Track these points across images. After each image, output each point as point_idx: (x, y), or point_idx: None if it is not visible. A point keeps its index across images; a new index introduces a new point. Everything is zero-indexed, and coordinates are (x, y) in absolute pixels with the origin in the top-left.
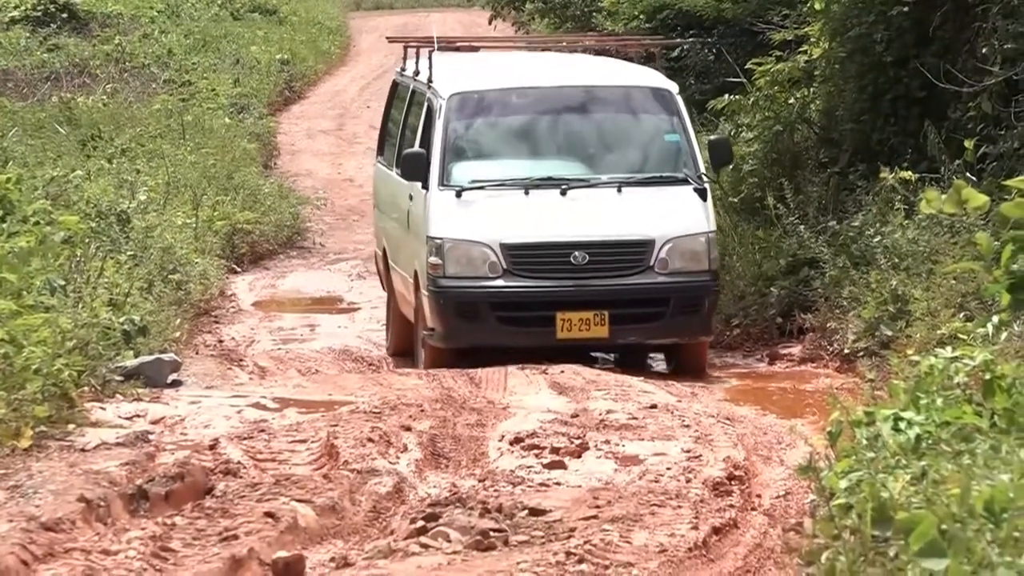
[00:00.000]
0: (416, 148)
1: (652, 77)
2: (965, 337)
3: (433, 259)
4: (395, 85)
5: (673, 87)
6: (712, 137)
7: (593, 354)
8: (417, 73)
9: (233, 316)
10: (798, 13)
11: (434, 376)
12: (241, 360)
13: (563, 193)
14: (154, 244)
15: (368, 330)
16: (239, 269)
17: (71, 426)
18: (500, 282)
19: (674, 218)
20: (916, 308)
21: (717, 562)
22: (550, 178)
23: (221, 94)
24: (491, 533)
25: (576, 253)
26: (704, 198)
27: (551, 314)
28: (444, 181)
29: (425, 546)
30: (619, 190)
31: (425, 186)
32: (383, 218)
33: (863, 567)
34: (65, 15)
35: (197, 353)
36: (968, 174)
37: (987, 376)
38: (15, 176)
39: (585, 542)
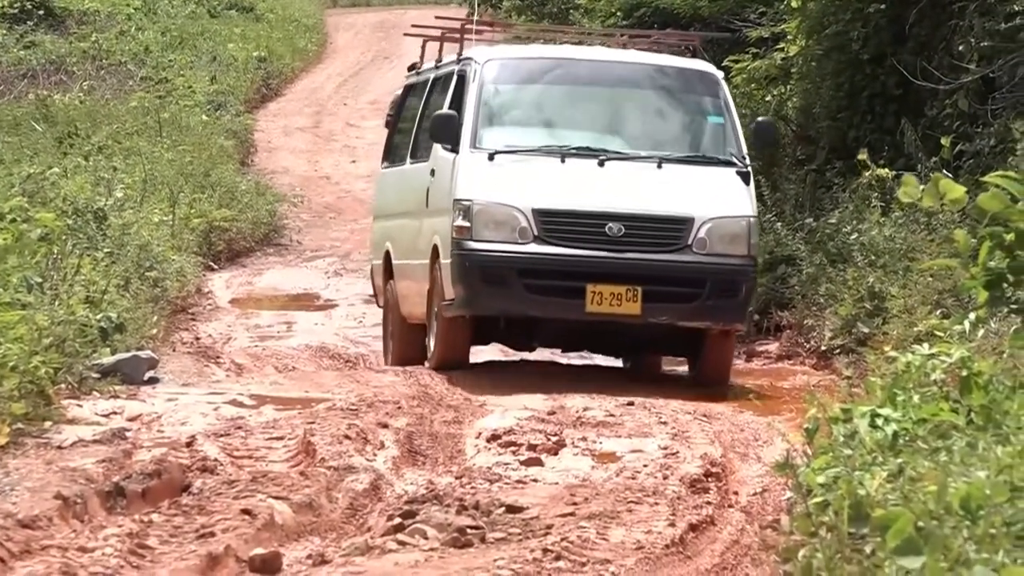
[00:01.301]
0: (447, 110)
1: (695, 62)
2: (942, 334)
3: (460, 222)
4: (408, 89)
5: (718, 72)
6: (758, 119)
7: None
8: (439, 62)
9: (210, 313)
10: (775, 11)
11: (411, 373)
12: (218, 357)
13: (601, 164)
14: (131, 241)
15: (345, 327)
16: (216, 266)
17: (48, 423)
18: (530, 248)
19: (715, 198)
20: (893, 305)
21: (694, 559)
22: (588, 148)
23: (198, 91)
24: (468, 530)
25: (611, 224)
26: (747, 182)
27: (581, 285)
28: (475, 144)
29: (402, 543)
30: (659, 166)
31: (455, 149)
32: (386, 223)
33: (840, 564)
34: (41, 12)
35: (174, 350)
36: (944, 171)
37: (964, 373)
38: None
39: (562, 539)
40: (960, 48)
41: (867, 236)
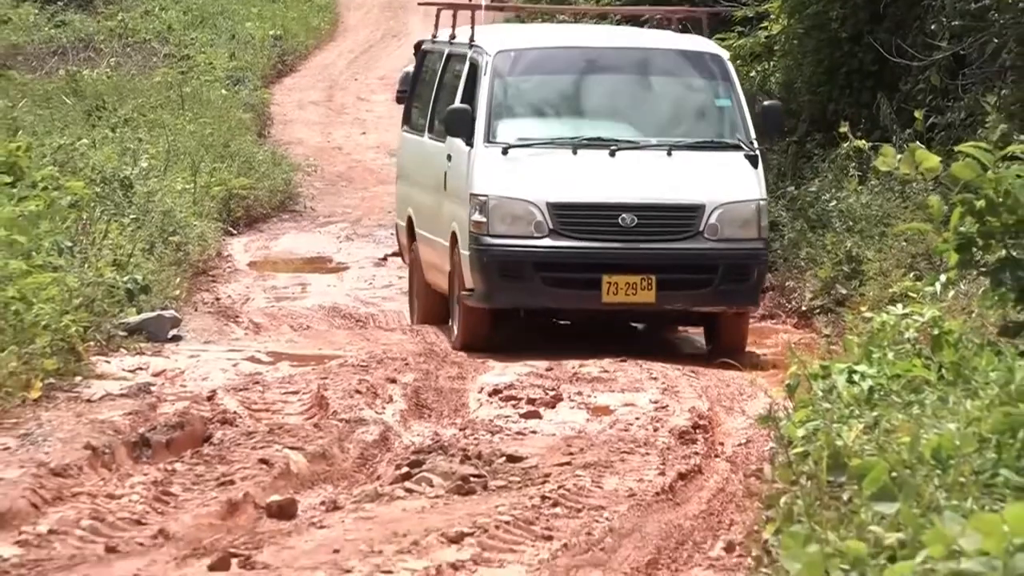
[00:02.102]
0: (460, 104)
1: (702, 43)
2: (915, 295)
3: (477, 216)
4: (424, 54)
5: (724, 53)
6: (765, 103)
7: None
8: (453, 38)
9: (229, 275)
10: None
11: (418, 331)
12: (237, 317)
13: (612, 154)
14: (155, 208)
15: (356, 288)
16: (235, 231)
17: (78, 378)
18: (546, 242)
19: (725, 184)
20: (869, 268)
21: (683, 506)
22: (599, 139)
23: (218, 67)
24: (471, 479)
25: (624, 215)
26: (755, 165)
27: (597, 277)
28: (489, 138)
29: (409, 491)
30: (669, 153)
31: (469, 143)
32: (408, 188)
33: (819, 510)
34: None
35: (196, 310)
36: (918, 143)
37: (935, 332)
38: (25, 144)
39: (559, 487)
40: (932, 27)
41: (845, 203)
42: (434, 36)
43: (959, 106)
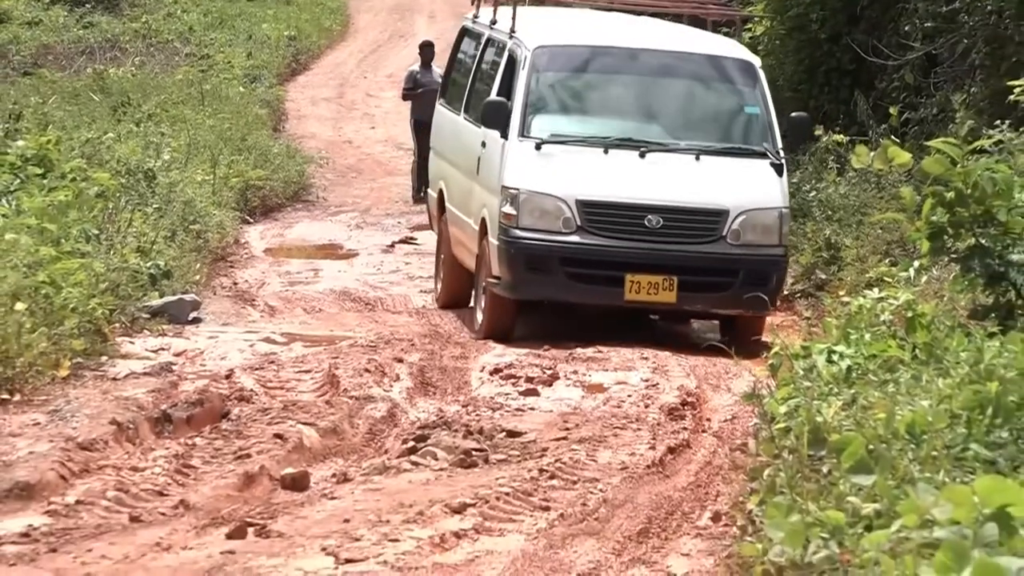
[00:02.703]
0: (497, 96)
1: (735, 48)
2: (890, 280)
3: (507, 208)
4: (464, 32)
5: (756, 60)
6: (793, 114)
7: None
8: (494, 22)
9: (246, 261)
10: None
11: (423, 314)
12: (253, 300)
13: (642, 155)
14: (177, 198)
15: (365, 274)
16: (251, 220)
17: (104, 358)
18: (573, 238)
19: (749, 191)
20: (847, 255)
21: (672, 478)
22: (630, 139)
23: (236, 66)
24: (473, 452)
25: (651, 216)
26: (780, 173)
27: (621, 275)
28: (524, 132)
29: (415, 464)
30: (697, 158)
31: (504, 135)
32: (442, 162)
33: (800, 482)
34: None
35: (215, 294)
36: (893, 137)
37: (909, 314)
38: (55, 138)
39: (556, 460)
40: (906, 28)
41: (824, 194)
42: (475, 16)
43: (931, 102)
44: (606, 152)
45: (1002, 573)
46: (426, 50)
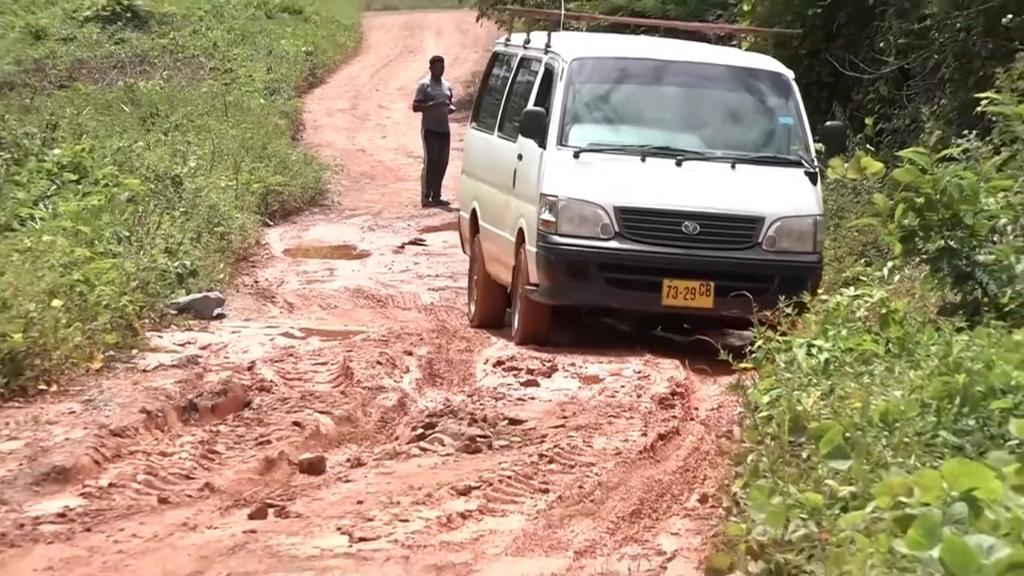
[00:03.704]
0: (534, 107)
1: (769, 62)
2: (865, 279)
3: (546, 216)
4: (495, 56)
5: (789, 73)
6: (827, 124)
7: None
8: (528, 42)
9: (267, 261)
10: (730, 13)
11: (431, 311)
12: (273, 297)
13: (679, 164)
14: (202, 202)
15: (377, 273)
16: (271, 223)
17: (134, 351)
18: (611, 244)
19: (785, 198)
20: (825, 255)
21: (662, 462)
22: (667, 148)
23: (257, 79)
24: (478, 439)
25: (687, 223)
26: (814, 182)
27: (658, 280)
28: (562, 141)
29: (424, 449)
30: (733, 166)
31: (542, 145)
32: (474, 182)
33: (781, 467)
34: (129, 14)
35: (237, 291)
36: (868, 146)
37: (883, 311)
38: (88, 146)
39: (555, 446)
40: (881, 44)
41: None
42: (507, 40)
43: (904, 114)
44: (643, 160)
45: (969, 550)
46: (436, 65)
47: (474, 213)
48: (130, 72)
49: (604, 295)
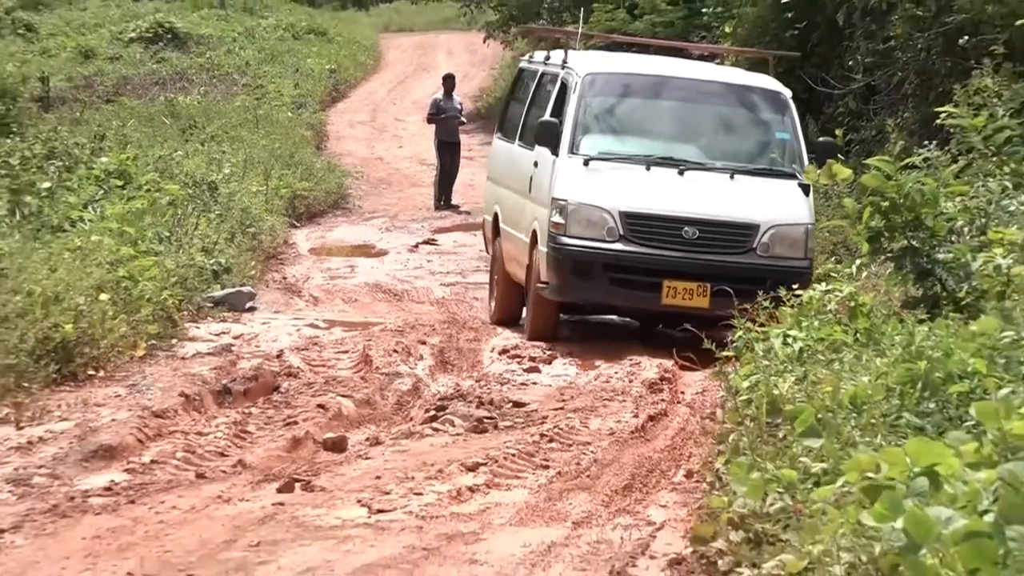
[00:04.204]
0: (549, 117)
1: (768, 81)
2: (836, 275)
3: (556, 218)
4: (521, 71)
5: (787, 92)
6: (821, 139)
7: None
8: (548, 59)
9: (294, 259)
10: (713, 35)
11: (443, 304)
12: (300, 292)
13: (681, 173)
14: (235, 206)
15: (394, 269)
16: (298, 224)
17: (174, 340)
18: (616, 246)
19: (779, 208)
20: None
21: (652, 441)
22: (670, 158)
23: (285, 95)
24: (485, 420)
25: (687, 228)
26: (807, 193)
27: (658, 281)
28: (573, 150)
29: (436, 429)
30: (732, 177)
31: (555, 152)
32: (497, 188)
33: (759, 445)
34: (170, 36)
35: (267, 286)
36: (838, 155)
37: (852, 304)
38: (133, 155)
39: (554, 426)
40: (850, 63)
41: None
42: (530, 57)
43: (871, 125)
44: (648, 169)
45: (929, 520)
46: (448, 81)
47: (496, 216)
48: (170, 88)
49: (608, 294)
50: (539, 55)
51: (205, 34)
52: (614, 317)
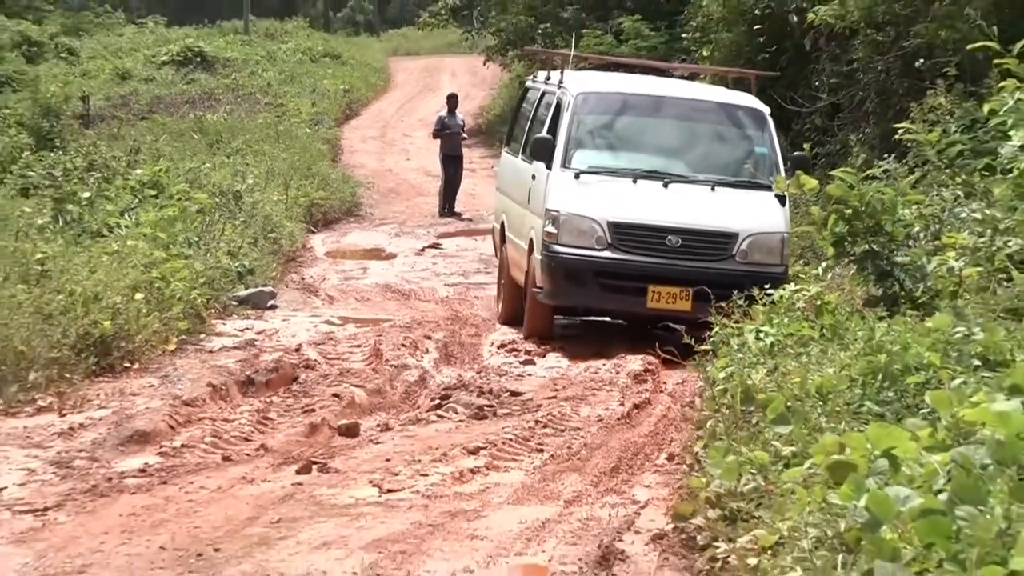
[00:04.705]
0: (545, 134)
1: (749, 99)
2: (804, 276)
3: (549, 228)
4: (526, 90)
5: (766, 109)
6: (795, 153)
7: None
8: (548, 79)
9: (311, 262)
10: (692, 58)
11: (447, 303)
12: (317, 291)
13: (665, 185)
14: (258, 213)
15: (402, 271)
16: (315, 230)
17: (202, 335)
18: (604, 253)
19: (756, 217)
20: None
21: (636, 427)
22: (655, 172)
23: (303, 112)
24: (485, 408)
25: (671, 237)
26: (783, 204)
27: (644, 286)
28: (565, 164)
29: (440, 416)
30: (713, 189)
31: (549, 167)
32: (503, 198)
33: (734, 430)
34: (199, 59)
35: (287, 287)
36: (808, 167)
37: (818, 302)
38: (165, 167)
39: (548, 414)
40: (816, 83)
41: None
42: (534, 77)
43: (835, 140)
44: (635, 182)
45: (889, 499)
46: (451, 100)
47: (503, 224)
48: (199, 106)
49: (597, 298)
50: (541, 75)
51: (231, 57)
52: (606, 318)
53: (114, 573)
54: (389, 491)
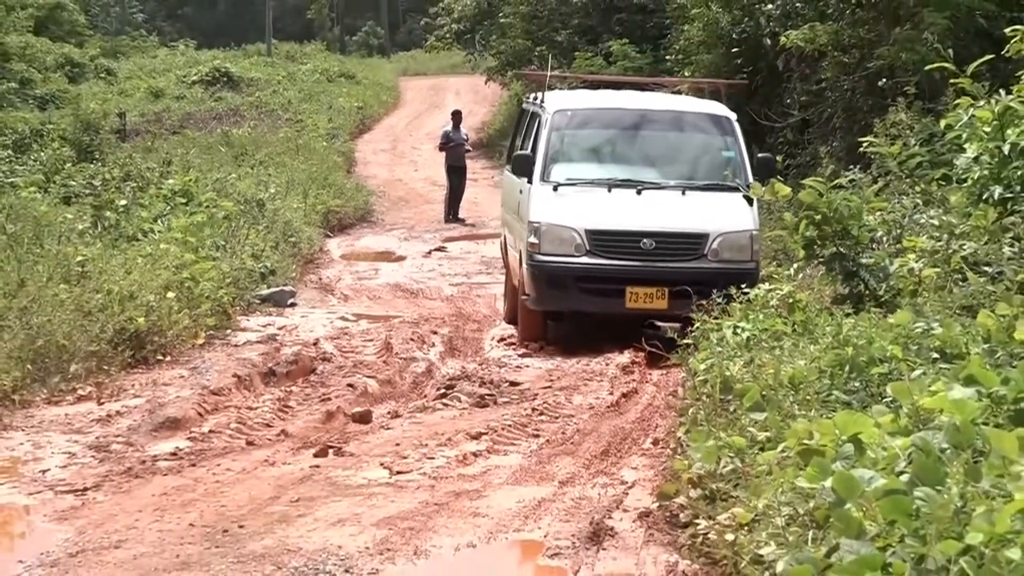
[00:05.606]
0: (525, 151)
1: (715, 107)
2: (777, 277)
3: (532, 239)
4: (522, 111)
5: (732, 115)
6: (760, 155)
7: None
8: (535, 99)
9: (328, 263)
10: (676, 74)
11: (451, 300)
12: (333, 291)
13: (639, 192)
14: (279, 219)
15: (411, 272)
16: (331, 234)
17: (228, 331)
18: (584, 260)
19: (726, 217)
20: None
21: (625, 414)
22: (629, 180)
23: (320, 127)
24: (486, 397)
25: (645, 240)
26: (751, 203)
27: (622, 288)
28: (544, 177)
29: (445, 405)
30: (683, 193)
31: (530, 181)
32: (506, 212)
33: (714, 417)
34: (225, 79)
35: (305, 286)
36: (779, 177)
37: (790, 300)
38: (194, 177)
39: (544, 402)
40: (788, 101)
41: None
42: (531, 98)
43: (805, 153)
44: (609, 191)
45: (854, 480)
46: (456, 116)
47: (505, 237)
48: (225, 122)
49: (579, 302)
50: (535, 96)
51: (254, 77)
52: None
53: (148, 547)
54: (399, 473)
